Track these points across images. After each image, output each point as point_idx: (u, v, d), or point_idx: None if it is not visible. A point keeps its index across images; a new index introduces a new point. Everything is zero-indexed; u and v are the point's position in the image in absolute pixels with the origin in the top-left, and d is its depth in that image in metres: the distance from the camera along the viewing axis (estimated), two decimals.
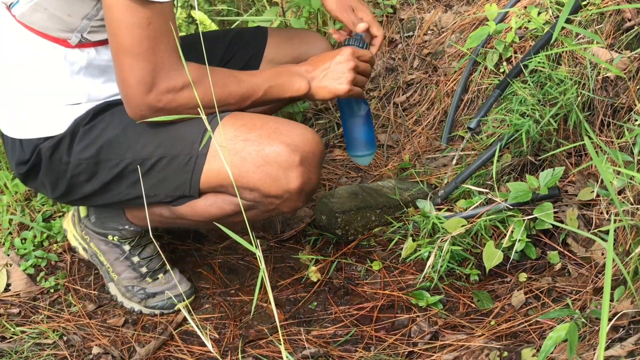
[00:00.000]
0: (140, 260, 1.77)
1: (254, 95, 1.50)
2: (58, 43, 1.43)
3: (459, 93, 2.22)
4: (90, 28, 1.42)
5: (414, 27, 2.58)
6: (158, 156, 1.48)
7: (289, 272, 1.89)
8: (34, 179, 1.57)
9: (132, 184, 1.52)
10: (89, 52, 1.46)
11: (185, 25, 2.87)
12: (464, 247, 1.66)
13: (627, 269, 1.32)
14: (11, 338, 1.70)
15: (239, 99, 1.49)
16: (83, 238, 1.79)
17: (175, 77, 1.38)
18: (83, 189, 1.55)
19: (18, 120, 1.52)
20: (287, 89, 1.55)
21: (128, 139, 1.49)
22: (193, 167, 1.47)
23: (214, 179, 1.48)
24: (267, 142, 1.44)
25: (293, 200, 1.49)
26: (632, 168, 1.37)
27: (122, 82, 1.37)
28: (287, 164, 1.44)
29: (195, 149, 1.46)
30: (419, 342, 1.57)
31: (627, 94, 1.66)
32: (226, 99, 1.47)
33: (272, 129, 1.46)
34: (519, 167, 1.86)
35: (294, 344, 1.63)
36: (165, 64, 1.36)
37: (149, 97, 1.37)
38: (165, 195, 1.53)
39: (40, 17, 1.41)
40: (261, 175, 1.44)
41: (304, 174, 1.46)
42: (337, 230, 1.90)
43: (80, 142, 1.49)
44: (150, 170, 1.49)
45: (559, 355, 1.27)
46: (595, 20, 1.82)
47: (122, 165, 1.50)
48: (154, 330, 1.74)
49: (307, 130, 1.50)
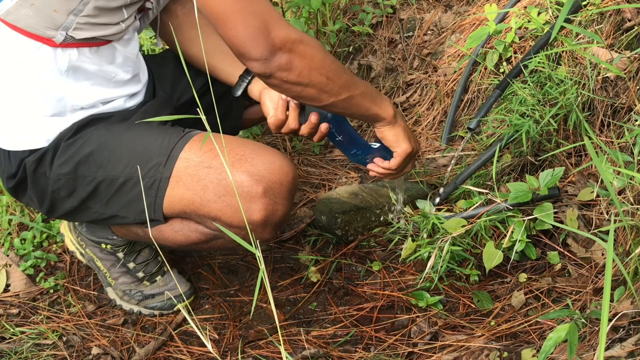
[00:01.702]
0: (136, 265, 1.76)
1: (353, 88, 1.46)
2: (43, 42, 1.41)
3: (459, 93, 2.22)
4: (75, 25, 1.40)
5: (413, 27, 2.58)
6: (126, 177, 1.46)
7: (288, 273, 1.88)
8: (23, 194, 1.57)
9: (105, 203, 1.51)
10: (71, 53, 1.43)
11: None
12: (464, 247, 1.66)
13: (627, 270, 1.32)
14: (10, 338, 1.70)
15: (342, 83, 1.44)
16: (79, 243, 1.79)
17: (286, 26, 1.34)
18: (65, 204, 1.54)
19: (4, 130, 1.50)
20: (378, 105, 1.53)
21: (101, 156, 1.47)
22: (156, 191, 1.45)
23: (177, 205, 1.46)
24: (230, 171, 1.40)
25: (258, 232, 1.44)
26: (632, 168, 1.37)
27: (235, 42, 1.32)
28: (249, 195, 1.40)
29: (159, 172, 1.44)
30: (418, 343, 1.57)
31: (627, 94, 1.66)
32: (334, 75, 1.42)
33: (237, 156, 1.42)
34: (519, 167, 1.86)
35: (293, 344, 1.63)
36: (270, 13, 1.33)
37: (267, 38, 1.31)
38: (134, 218, 1.51)
39: (26, 14, 1.39)
40: (222, 206, 1.41)
41: (268, 206, 1.42)
42: (337, 230, 1.90)
43: (60, 157, 1.48)
44: (119, 190, 1.48)
45: (559, 356, 1.27)
46: (595, 20, 1.81)
47: (95, 184, 1.48)
48: (153, 331, 1.73)
49: (276, 158, 1.46)
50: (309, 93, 1.40)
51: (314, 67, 1.37)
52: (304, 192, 2.19)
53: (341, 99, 1.45)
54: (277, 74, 1.34)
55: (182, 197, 1.44)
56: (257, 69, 1.34)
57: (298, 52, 1.35)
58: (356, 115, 1.58)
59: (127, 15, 1.45)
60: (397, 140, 1.59)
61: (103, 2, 1.39)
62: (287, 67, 1.34)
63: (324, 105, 1.46)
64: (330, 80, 1.41)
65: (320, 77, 1.39)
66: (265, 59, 1.32)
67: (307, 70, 1.37)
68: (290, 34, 1.34)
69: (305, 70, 1.37)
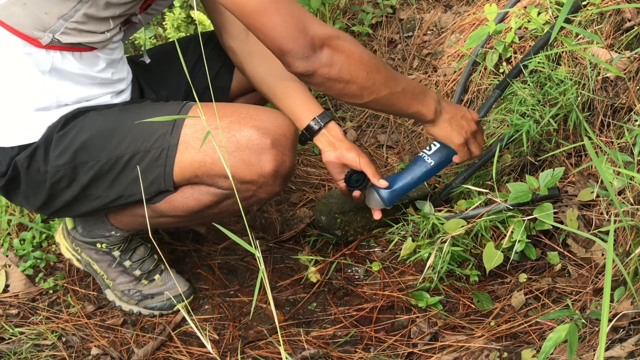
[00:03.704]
0: (132, 263, 1.76)
1: (394, 84, 1.48)
2: (28, 41, 1.41)
3: (459, 93, 2.21)
4: (63, 29, 1.41)
5: (413, 27, 2.58)
6: (131, 153, 1.47)
7: (288, 273, 1.88)
8: (14, 192, 1.56)
9: (110, 185, 1.50)
10: (55, 55, 1.44)
11: (184, 25, 2.87)
12: (464, 247, 1.65)
13: (627, 270, 1.32)
14: (10, 339, 1.70)
15: (382, 79, 1.46)
16: (74, 249, 1.78)
17: (322, 24, 1.37)
18: (64, 195, 1.53)
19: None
20: (420, 102, 1.55)
21: (102, 139, 1.47)
22: (165, 159, 1.46)
23: (188, 170, 1.47)
24: (238, 128, 1.43)
25: (269, 185, 1.48)
26: (632, 168, 1.37)
27: (277, 42, 1.35)
28: (259, 148, 1.43)
29: (167, 140, 1.45)
30: (418, 343, 1.57)
31: (627, 94, 1.66)
32: (374, 70, 1.44)
33: (242, 114, 1.45)
34: (519, 167, 1.86)
35: (293, 345, 1.63)
36: (305, 12, 1.36)
37: (307, 36, 1.34)
38: (142, 194, 1.51)
39: (16, 12, 1.39)
40: (234, 161, 1.44)
41: (277, 157, 1.45)
42: (337, 230, 1.90)
43: (55, 149, 1.47)
44: (125, 168, 1.48)
45: (559, 356, 1.27)
46: (595, 20, 1.81)
47: (98, 166, 1.48)
48: (153, 331, 1.73)
49: (277, 114, 1.50)
50: (351, 90, 1.43)
51: (354, 62, 1.40)
52: (303, 192, 2.18)
53: (382, 96, 1.48)
54: (319, 70, 1.37)
55: (193, 160, 1.45)
56: (300, 68, 1.37)
57: (337, 47, 1.38)
58: (398, 112, 1.63)
59: (113, 25, 1.48)
60: (447, 136, 1.64)
61: (93, 10, 1.41)
62: (329, 63, 1.37)
63: (366, 103, 1.49)
64: (370, 75, 1.44)
65: (361, 72, 1.42)
66: (307, 56, 1.35)
67: (348, 65, 1.40)
68: (328, 30, 1.37)
69: (346, 65, 1.39)
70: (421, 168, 1.75)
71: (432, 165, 1.74)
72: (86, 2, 1.39)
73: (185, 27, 2.86)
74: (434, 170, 1.76)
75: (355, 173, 1.71)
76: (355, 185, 1.71)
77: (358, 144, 2.42)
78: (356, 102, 1.48)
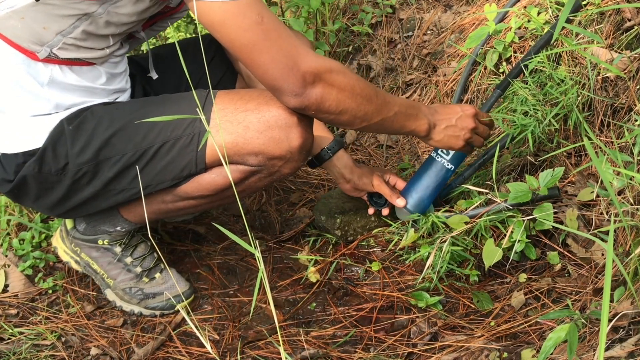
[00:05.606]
0: (133, 260, 1.76)
1: (386, 110, 1.54)
2: (25, 54, 1.43)
3: (459, 93, 2.21)
4: (61, 44, 1.42)
5: (413, 27, 2.58)
6: (160, 142, 1.50)
7: (288, 273, 1.88)
8: (24, 198, 1.58)
9: (136, 177, 1.52)
10: (53, 69, 1.46)
11: (184, 25, 2.87)
12: (464, 247, 1.65)
13: (627, 270, 1.32)
14: (9, 339, 1.70)
15: (375, 108, 1.51)
16: (73, 250, 1.78)
17: (313, 57, 1.41)
18: (82, 193, 1.55)
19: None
20: (412, 122, 1.60)
21: (127, 133, 1.50)
22: (197, 144, 1.51)
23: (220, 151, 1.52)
24: (266, 109, 1.48)
25: (294, 160, 1.54)
26: (632, 168, 1.37)
27: (267, 82, 1.41)
28: (287, 125, 1.49)
29: (197, 127, 1.49)
30: (418, 343, 1.57)
31: (627, 94, 1.66)
32: (366, 100, 1.49)
33: (267, 97, 1.50)
34: (519, 167, 1.86)
35: (293, 345, 1.63)
36: (296, 47, 1.39)
37: (297, 74, 1.38)
38: (172, 179, 1.55)
39: (14, 25, 1.40)
40: (265, 140, 1.49)
41: (303, 133, 1.51)
42: (336, 230, 1.90)
43: (74, 145, 1.49)
44: (153, 158, 1.51)
45: (558, 356, 1.27)
46: (595, 20, 1.81)
47: (124, 160, 1.50)
48: (152, 331, 1.73)
49: None
50: (343, 119, 1.49)
51: (346, 95, 1.45)
52: (303, 192, 2.18)
53: (374, 122, 1.54)
54: (311, 106, 1.43)
55: (225, 142, 1.50)
56: (291, 103, 1.43)
57: (329, 82, 1.42)
58: (392, 133, 1.69)
59: (113, 42, 1.50)
60: (446, 146, 1.69)
61: (93, 28, 1.42)
62: (319, 100, 1.43)
63: (359, 129, 1.56)
64: (361, 106, 1.49)
65: (352, 104, 1.47)
66: (297, 93, 1.41)
67: (339, 99, 1.45)
68: (319, 64, 1.41)
69: (337, 99, 1.45)
70: (437, 170, 1.80)
71: (449, 167, 1.80)
72: (86, 20, 1.39)
73: (185, 27, 2.86)
74: (452, 170, 1.81)
75: (375, 194, 1.86)
76: (378, 204, 1.86)
77: (358, 143, 2.42)
78: (349, 128, 1.55)
